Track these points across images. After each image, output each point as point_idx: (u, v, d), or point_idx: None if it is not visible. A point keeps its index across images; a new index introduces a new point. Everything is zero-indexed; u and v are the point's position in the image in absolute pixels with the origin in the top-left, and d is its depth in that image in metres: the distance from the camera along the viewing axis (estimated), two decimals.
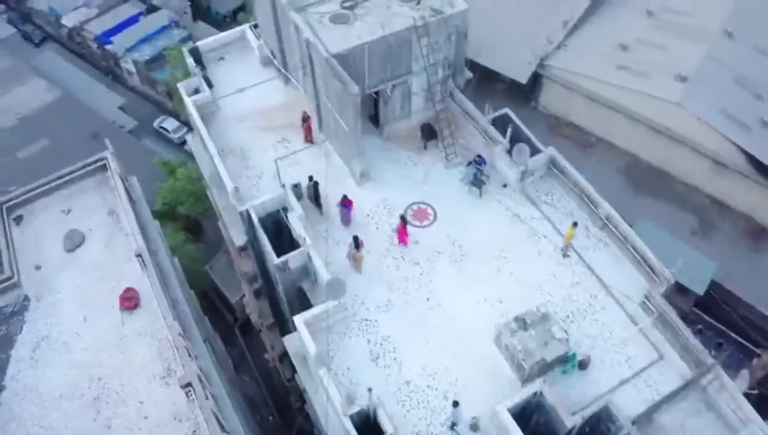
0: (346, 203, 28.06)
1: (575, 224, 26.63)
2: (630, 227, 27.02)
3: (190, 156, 38.95)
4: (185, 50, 35.07)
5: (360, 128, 27.80)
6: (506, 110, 30.81)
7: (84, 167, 29.95)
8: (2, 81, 67.15)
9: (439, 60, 29.59)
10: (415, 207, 28.95)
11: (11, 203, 29.27)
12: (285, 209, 27.51)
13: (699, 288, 42.04)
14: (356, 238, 26.63)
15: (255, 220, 27.15)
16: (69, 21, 77.18)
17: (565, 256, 27.21)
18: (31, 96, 65.54)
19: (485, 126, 29.96)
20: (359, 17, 28.86)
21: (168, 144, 67.20)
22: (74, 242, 28.14)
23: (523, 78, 51.20)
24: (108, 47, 73.78)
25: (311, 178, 28.63)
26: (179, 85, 33.63)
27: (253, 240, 29.04)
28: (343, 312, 25.23)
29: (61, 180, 29.76)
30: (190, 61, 34.36)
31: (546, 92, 53.22)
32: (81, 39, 77.62)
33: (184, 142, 57.57)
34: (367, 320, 25.63)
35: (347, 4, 29.50)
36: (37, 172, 55.85)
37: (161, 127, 68.51)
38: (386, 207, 28.98)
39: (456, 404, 22.54)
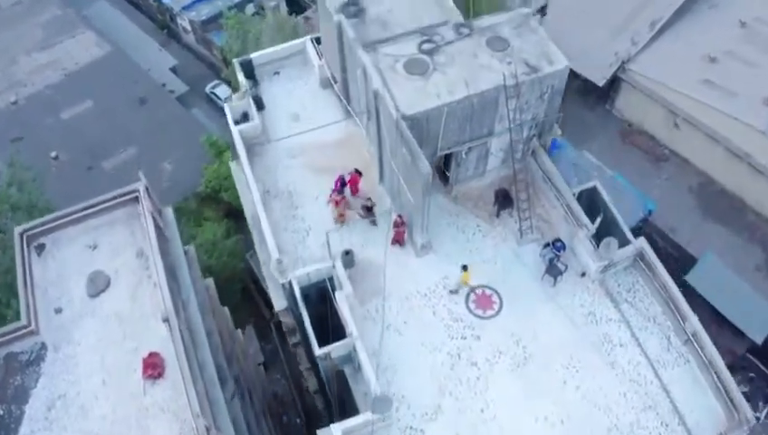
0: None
1: (465, 267, 24.86)
2: (696, 258, 23.37)
3: None
4: (236, 62, 31.50)
5: (429, 204, 24.15)
6: (595, 182, 26.94)
7: (115, 198, 26.95)
8: (51, 32, 63.67)
9: (527, 120, 25.85)
10: (479, 291, 25.34)
11: (32, 232, 26.44)
12: (332, 280, 24.47)
13: (757, 335, 38.31)
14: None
15: (298, 293, 24.09)
16: None
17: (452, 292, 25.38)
18: (79, 50, 62.05)
19: (570, 201, 26.09)
20: (438, 67, 24.82)
21: (218, 112, 63.95)
22: (98, 287, 25.35)
23: (600, 80, 47.29)
24: (164, 1, 70.22)
25: None
26: (226, 107, 30.15)
27: (293, 307, 25.92)
28: (387, 420, 22.19)
29: (89, 211, 26.66)
30: (241, 76, 30.88)
31: (623, 97, 49.10)
32: None
33: None
34: (412, 428, 22.59)
35: (426, 47, 25.45)
36: (79, 135, 53.84)
37: (212, 92, 65.50)
38: (446, 286, 25.43)
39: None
